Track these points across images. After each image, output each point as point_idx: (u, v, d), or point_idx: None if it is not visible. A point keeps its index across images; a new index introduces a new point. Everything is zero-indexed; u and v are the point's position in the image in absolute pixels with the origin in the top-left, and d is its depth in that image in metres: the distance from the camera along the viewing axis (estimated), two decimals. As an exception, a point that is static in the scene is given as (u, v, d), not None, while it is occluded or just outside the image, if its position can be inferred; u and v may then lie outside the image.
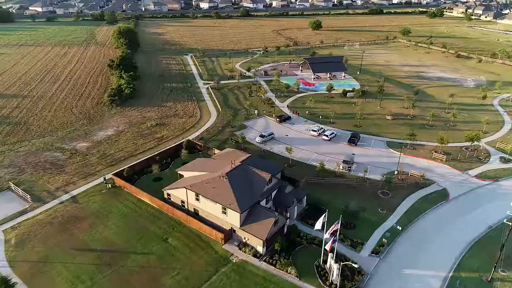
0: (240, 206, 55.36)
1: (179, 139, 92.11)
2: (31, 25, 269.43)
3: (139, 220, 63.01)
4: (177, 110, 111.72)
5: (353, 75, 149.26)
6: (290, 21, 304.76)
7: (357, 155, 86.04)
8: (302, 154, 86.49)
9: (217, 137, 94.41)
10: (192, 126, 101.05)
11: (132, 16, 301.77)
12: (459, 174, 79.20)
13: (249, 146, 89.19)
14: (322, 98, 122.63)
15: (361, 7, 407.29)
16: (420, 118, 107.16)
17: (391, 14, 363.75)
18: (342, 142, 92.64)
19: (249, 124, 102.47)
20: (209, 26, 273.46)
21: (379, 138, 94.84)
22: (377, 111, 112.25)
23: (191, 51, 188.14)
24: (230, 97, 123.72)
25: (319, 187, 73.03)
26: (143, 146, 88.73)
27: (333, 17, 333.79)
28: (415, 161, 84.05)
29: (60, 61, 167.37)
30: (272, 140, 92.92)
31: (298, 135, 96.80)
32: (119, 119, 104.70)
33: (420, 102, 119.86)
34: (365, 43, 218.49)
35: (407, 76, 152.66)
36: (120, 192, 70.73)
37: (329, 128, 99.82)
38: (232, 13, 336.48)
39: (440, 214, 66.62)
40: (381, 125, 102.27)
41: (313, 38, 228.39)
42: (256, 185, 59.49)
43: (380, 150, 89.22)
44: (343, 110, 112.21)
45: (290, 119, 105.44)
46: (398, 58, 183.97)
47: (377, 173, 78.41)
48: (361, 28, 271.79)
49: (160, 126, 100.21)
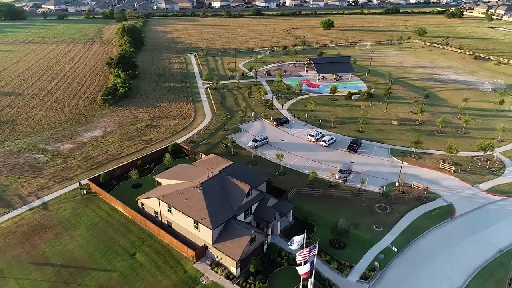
0: (212, 221, 49.58)
1: (168, 142, 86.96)
2: (42, 22, 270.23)
3: (108, 232, 57.93)
4: (171, 111, 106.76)
5: (362, 76, 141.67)
6: (301, 20, 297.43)
7: (356, 164, 79.15)
8: (296, 161, 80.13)
9: (207, 140, 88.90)
10: (183, 128, 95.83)
11: (142, 14, 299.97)
12: (468, 188, 71.44)
13: (240, 151, 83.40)
14: (325, 100, 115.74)
15: (376, 7, 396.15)
16: (429, 124, 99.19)
17: (408, 14, 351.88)
18: (342, 148, 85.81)
19: (244, 127, 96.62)
20: (218, 25, 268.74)
21: (382, 145, 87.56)
22: (382, 115, 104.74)
23: (195, 50, 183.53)
24: (229, 98, 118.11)
25: (310, 198, 66.64)
26: (129, 149, 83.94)
27: (347, 17, 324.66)
28: (420, 172, 76.59)
29: (62, 59, 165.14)
30: (266, 145, 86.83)
31: (294, 140, 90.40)
32: (109, 120, 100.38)
33: (431, 107, 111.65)
34: (377, 43, 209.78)
35: (419, 78, 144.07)
36: (94, 199, 65.90)
37: (329, 133, 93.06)
38: (243, 12, 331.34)
39: (444, 234, 59.31)
40: (385, 131, 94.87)
41: (323, 37, 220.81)
42: (234, 197, 53.61)
43: (382, 158, 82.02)
44: (347, 114, 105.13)
45: (288, 122, 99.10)
46: (411, 59, 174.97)
47: (376, 184, 71.43)
48: (374, 28, 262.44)
49: (150, 128, 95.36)
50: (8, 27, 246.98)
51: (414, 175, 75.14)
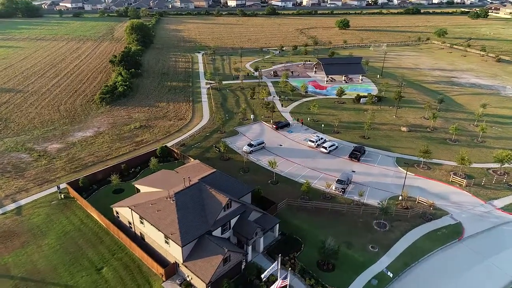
0: (182, 237, 44.60)
1: (160, 144, 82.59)
2: (57, 20, 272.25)
3: (78, 242, 53.76)
4: (168, 112, 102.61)
5: (373, 78, 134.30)
6: (317, 20, 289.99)
7: (358, 173, 72.80)
8: (292, 168, 74.37)
9: (201, 143, 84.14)
10: (178, 129, 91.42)
11: (156, 12, 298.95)
12: (480, 205, 64.14)
13: (234, 156, 78.23)
14: (331, 103, 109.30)
15: (397, 7, 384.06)
16: (441, 131, 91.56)
17: (429, 14, 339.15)
18: (344, 156, 79.51)
19: (242, 130, 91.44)
20: (231, 24, 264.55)
21: (388, 154, 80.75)
22: (391, 120, 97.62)
23: (204, 49, 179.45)
24: (230, 99, 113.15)
25: (302, 211, 60.90)
26: (117, 151, 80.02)
27: (365, 17, 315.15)
28: (428, 185, 69.60)
29: (69, 56, 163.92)
30: (262, 150, 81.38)
31: (293, 145, 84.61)
32: (103, 119, 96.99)
33: (445, 112, 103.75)
34: (393, 44, 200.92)
35: (436, 82, 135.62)
36: (71, 205, 62.03)
37: (331, 138, 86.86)
38: (258, 11, 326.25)
39: (449, 258, 52.58)
40: (393, 138, 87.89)
41: (337, 37, 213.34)
42: (210, 210, 48.49)
43: (387, 168, 75.29)
44: (353, 118, 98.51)
45: (288, 126, 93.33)
46: (428, 61, 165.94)
47: (377, 197, 65.01)
48: (392, 29, 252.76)
49: (144, 129, 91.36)
50: (23, 24, 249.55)
51: (420, 188, 68.29)
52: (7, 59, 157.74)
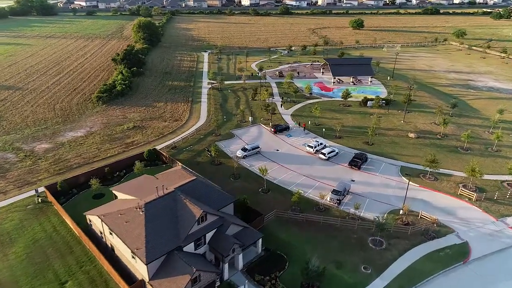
0: (148, 253, 40.41)
1: (150, 146, 78.98)
2: (70, 18, 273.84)
3: (47, 251, 50.26)
4: (165, 112, 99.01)
5: (384, 80, 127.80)
6: (331, 19, 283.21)
7: (357, 183, 67.37)
8: (287, 176, 69.42)
9: (193, 146, 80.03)
10: (172, 131, 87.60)
11: (168, 11, 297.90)
12: (491, 222, 57.86)
13: (226, 161, 73.76)
14: (336, 106, 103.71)
15: (415, 7, 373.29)
16: (453, 138, 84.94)
17: (449, 14, 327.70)
18: (343, 163, 74.07)
19: (238, 133, 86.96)
20: (242, 23, 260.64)
21: (393, 162, 74.84)
22: (399, 125, 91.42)
23: (211, 48, 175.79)
24: (231, 99, 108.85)
25: (291, 224, 56.00)
26: (105, 153, 76.68)
27: (381, 17, 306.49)
28: (433, 198, 63.58)
29: (75, 54, 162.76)
30: (257, 155, 76.68)
31: (291, 150, 79.62)
32: (97, 119, 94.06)
33: (458, 117, 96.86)
34: (408, 45, 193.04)
35: (451, 85, 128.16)
36: (47, 210, 58.77)
37: (332, 144, 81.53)
38: (272, 10, 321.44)
39: (452, 283, 46.78)
40: (399, 145, 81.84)
41: (350, 38, 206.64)
42: (183, 223, 44.17)
43: (390, 178, 69.50)
44: (357, 122, 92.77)
45: (288, 129, 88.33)
46: (444, 63, 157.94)
47: (376, 210, 59.54)
48: (409, 29, 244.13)
49: (137, 130, 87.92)
50: (36, 22, 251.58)
51: (425, 201, 62.40)
52: (13, 56, 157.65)
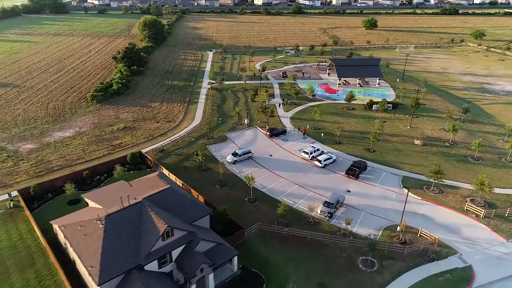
0: (101, 273, 36.23)
1: (138, 148, 75.29)
2: (81, 16, 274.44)
3: (8, 262, 46.71)
4: (159, 112, 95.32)
5: (393, 82, 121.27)
6: (344, 19, 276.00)
7: (353, 194, 61.98)
8: (277, 184, 64.49)
9: (182, 150, 75.88)
10: (163, 133, 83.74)
11: (179, 10, 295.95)
12: (501, 243, 51.71)
13: (215, 166, 69.18)
14: (339, 109, 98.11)
15: (433, 7, 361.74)
16: (463, 146, 78.40)
17: (468, 15, 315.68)
18: (340, 171, 68.65)
19: (232, 136, 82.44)
20: (253, 22, 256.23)
21: (394, 171, 69.00)
22: (405, 131, 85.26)
23: (217, 47, 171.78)
24: (229, 100, 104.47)
25: (275, 239, 51.13)
26: (90, 155, 73.26)
27: (396, 17, 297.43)
28: (436, 212, 57.69)
29: (79, 52, 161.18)
30: (248, 161, 71.98)
31: (286, 156, 74.61)
32: (88, 119, 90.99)
33: (470, 124, 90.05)
34: (423, 46, 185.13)
35: (465, 88, 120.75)
36: (17, 216, 55.43)
37: (330, 150, 76.18)
38: (284, 9, 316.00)
39: (449, 315, 41.28)
40: (403, 152, 75.83)
41: (362, 38, 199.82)
42: (146, 238, 39.88)
43: (390, 189, 63.78)
44: (360, 127, 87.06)
45: (284, 133, 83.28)
46: (459, 65, 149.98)
47: (370, 226, 54.14)
48: (425, 29, 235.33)
49: (127, 131, 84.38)
50: (48, 20, 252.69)
51: (426, 216, 56.62)
52: (18, 53, 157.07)
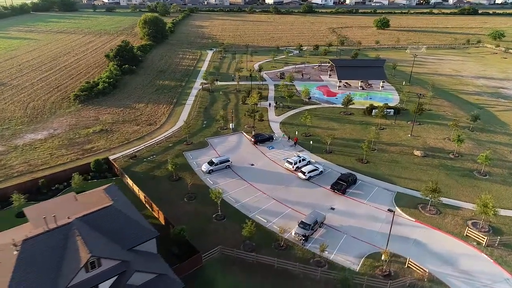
0: (2, 312, 30.16)
1: (110, 153, 69.62)
2: (88, 14, 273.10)
3: None
4: (141, 114, 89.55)
5: (399, 85, 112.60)
6: (355, 19, 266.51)
7: (337, 212, 54.57)
8: (253, 198, 57.53)
9: (157, 156, 69.70)
10: (140, 137, 77.81)
11: (187, 8, 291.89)
12: (505, 279, 43.50)
13: (188, 176, 62.84)
14: (336, 114, 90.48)
15: (451, 7, 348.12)
16: (469, 159, 69.77)
17: (488, 15, 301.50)
18: (327, 185, 61.20)
19: (214, 142, 75.88)
20: (260, 22, 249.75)
21: (388, 186, 61.17)
22: (404, 140, 77.06)
23: (218, 46, 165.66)
24: (219, 102, 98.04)
25: (237, 266, 44.28)
26: (57, 160, 67.76)
27: (411, 16, 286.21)
28: (431, 238, 49.76)
29: (77, 49, 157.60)
30: (226, 170, 65.27)
31: (269, 166, 67.55)
32: (66, 120, 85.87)
33: (480, 133, 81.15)
34: (436, 47, 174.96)
35: (478, 92, 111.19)
36: (-42, 228, 50.16)
37: (319, 160, 68.77)
38: (295, 9, 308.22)
39: None
40: (400, 165, 67.78)
41: (371, 38, 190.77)
42: (67, 269, 33.60)
43: (380, 207, 56.01)
44: (356, 134, 79.29)
45: (271, 140, 76.18)
46: (474, 67, 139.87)
47: (350, 253, 46.72)
48: (440, 30, 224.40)
49: (103, 134, 78.79)
50: (54, 18, 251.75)
51: (418, 242, 48.81)
52: (15, 50, 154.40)
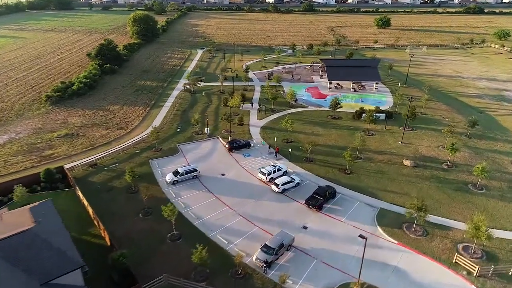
0: None
1: (70, 161, 63.81)
2: (84, 13, 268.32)
3: None
4: (114, 117, 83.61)
5: (394, 87, 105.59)
6: (356, 18, 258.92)
7: (310, 232, 48.10)
8: (217, 214, 51.22)
9: (119, 165, 63.61)
10: (107, 142, 71.85)
11: (185, 7, 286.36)
12: (497, 319, 36.87)
13: (150, 186, 56.69)
14: (322, 118, 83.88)
15: (456, 5, 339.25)
16: (464, 170, 62.76)
17: (495, 14, 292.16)
18: (302, 199, 54.64)
19: (185, 149, 69.68)
20: (257, 20, 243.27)
21: (371, 201, 54.48)
22: (394, 148, 70.25)
23: (211, 45, 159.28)
24: (200, 104, 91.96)
25: (183, 299, 38.08)
26: (8, 168, 61.93)
27: (414, 15, 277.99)
28: (415, 265, 43.05)
29: (63, 48, 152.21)
30: (193, 181, 59.02)
31: (242, 176, 61.16)
32: (32, 123, 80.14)
33: (479, 140, 74.06)
34: (438, 47, 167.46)
35: (479, 95, 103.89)
36: None
37: (297, 170, 62.30)
38: (295, 7, 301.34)
39: None
40: (387, 176, 61.02)
41: (371, 37, 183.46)
42: (-48, 313, 27.62)
43: (360, 226, 49.36)
44: (342, 141, 72.62)
45: (248, 147, 69.73)
46: (476, 68, 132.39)
47: (319, 283, 40.26)
48: (443, 29, 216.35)
49: (67, 138, 72.90)
50: (49, 16, 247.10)
51: (399, 270, 42.19)
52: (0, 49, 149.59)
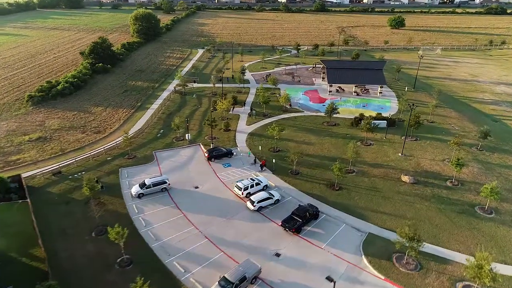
0: None
1: (33, 168, 58.86)
2: (93, 11, 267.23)
3: None
4: (94, 120, 78.55)
5: (401, 91, 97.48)
6: (370, 18, 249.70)
7: (282, 260, 41.38)
8: (180, 236, 45.00)
9: (86, 173, 58.16)
10: (80, 147, 66.65)
11: (195, 6, 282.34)
12: None
13: (114, 200, 51.03)
14: (317, 125, 76.80)
15: (477, 6, 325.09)
16: (472, 189, 54.77)
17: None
18: (280, 220, 47.88)
19: (161, 156, 63.84)
20: (266, 20, 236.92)
21: (359, 224, 47.32)
22: (392, 161, 62.63)
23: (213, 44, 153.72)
24: (188, 107, 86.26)
25: None
26: (-32, 174, 57.44)
27: (432, 16, 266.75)
28: (402, 307, 36.02)
29: (62, 47, 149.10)
30: (161, 194, 53.03)
31: (216, 190, 54.80)
32: (6, 125, 75.62)
33: (491, 154, 65.70)
34: (454, 48, 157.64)
35: (495, 101, 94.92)
36: None
37: (280, 184, 55.54)
38: (307, 7, 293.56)
39: None
40: (381, 194, 53.61)
41: (382, 38, 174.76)
42: None
43: (342, 256, 42.35)
44: (335, 151, 65.46)
45: (229, 155, 63.36)
46: (494, 72, 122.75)
47: (283, 328, 33.57)
48: (461, 30, 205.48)
49: (39, 142, 68.07)
50: (57, 14, 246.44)
51: (382, 315, 35.11)
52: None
